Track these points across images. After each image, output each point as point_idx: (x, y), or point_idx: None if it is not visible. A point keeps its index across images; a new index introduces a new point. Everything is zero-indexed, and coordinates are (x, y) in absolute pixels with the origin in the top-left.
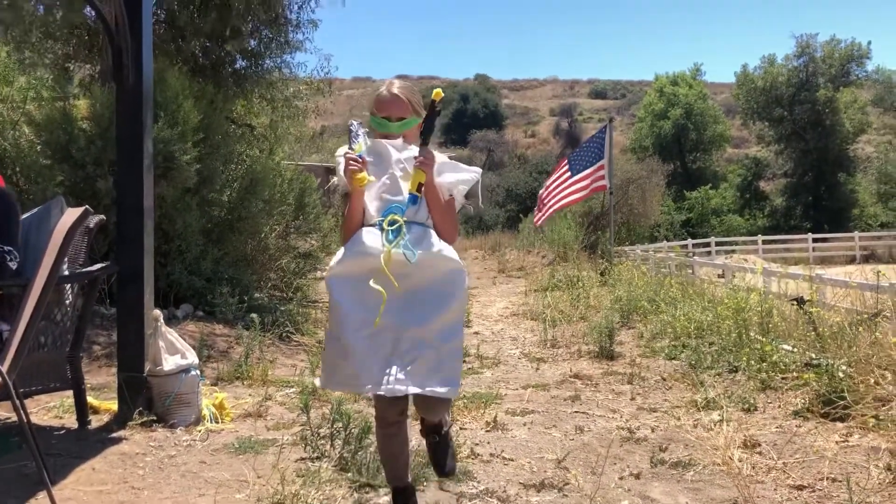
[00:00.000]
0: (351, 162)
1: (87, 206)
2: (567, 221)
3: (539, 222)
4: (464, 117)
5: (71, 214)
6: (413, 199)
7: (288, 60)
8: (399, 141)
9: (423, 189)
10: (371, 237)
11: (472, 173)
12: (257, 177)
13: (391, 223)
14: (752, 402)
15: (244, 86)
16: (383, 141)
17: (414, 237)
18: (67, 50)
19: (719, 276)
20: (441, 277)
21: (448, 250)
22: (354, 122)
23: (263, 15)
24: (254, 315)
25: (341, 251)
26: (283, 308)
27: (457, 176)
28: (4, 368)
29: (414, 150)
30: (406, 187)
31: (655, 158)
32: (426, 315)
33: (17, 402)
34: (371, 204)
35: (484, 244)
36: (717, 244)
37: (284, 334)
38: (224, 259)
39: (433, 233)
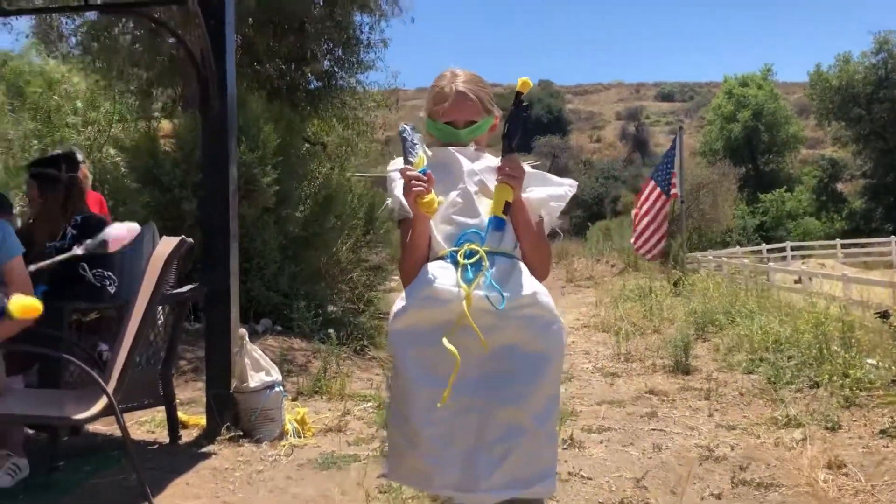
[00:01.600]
0: (415, 182)
1: (183, 237)
2: None
3: (651, 257)
4: (527, 123)
5: (168, 243)
6: (498, 223)
7: (361, 80)
8: (469, 147)
9: (509, 209)
10: (442, 275)
11: (565, 187)
12: (330, 193)
13: (468, 254)
14: (835, 420)
15: (318, 106)
16: (450, 148)
17: (500, 273)
18: (150, 75)
19: (796, 281)
20: (537, 332)
21: (545, 293)
22: (407, 127)
23: (337, 36)
24: (331, 330)
25: (403, 296)
26: (356, 321)
27: (548, 190)
28: (110, 389)
29: (491, 159)
30: (485, 206)
31: (726, 162)
32: (521, 389)
33: (121, 421)
34: (439, 230)
35: None
36: (793, 249)
37: (359, 348)
38: (300, 274)
39: (523, 267)
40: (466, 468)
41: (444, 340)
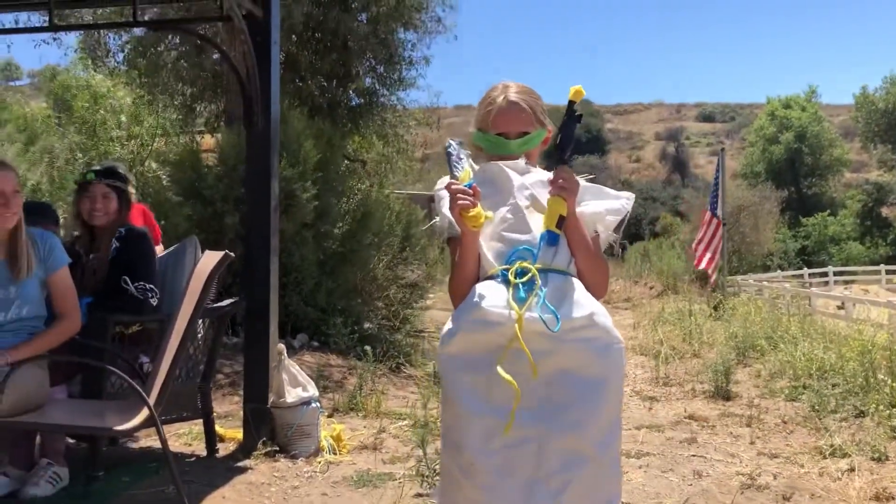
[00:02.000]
0: (460, 195)
1: (226, 251)
2: (676, 251)
3: (712, 277)
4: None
5: (212, 258)
6: (551, 238)
7: (402, 97)
8: (519, 161)
9: (563, 223)
10: (493, 295)
11: (622, 200)
12: (368, 210)
13: (520, 273)
14: (882, 450)
15: (358, 123)
16: (498, 163)
17: (554, 292)
18: (194, 91)
19: (839, 307)
20: (595, 355)
21: (602, 313)
22: (453, 143)
23: (379, 54)
24: (367, 347)
25: (452, 318)
26: (391, 338)
27: (604, 204)
28: (151, 401)
29: (541, 173)
30: (536, 222)
31: (768, 184)
32: (580, 415)
33: (162, 433)
34: (488, 247)
35: None
36: (836, 274)
37: (395, 366)
38: (336, 290)
39: (578, 285)
40: (525, 500)
41: (499, 369)
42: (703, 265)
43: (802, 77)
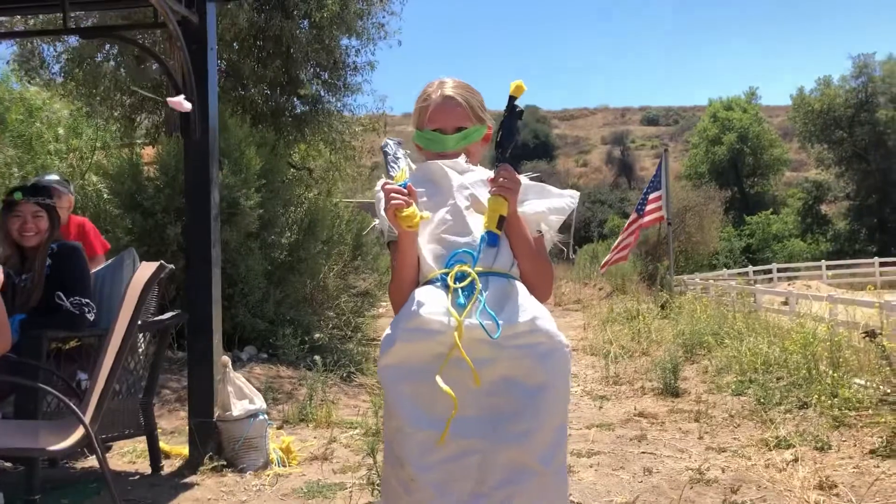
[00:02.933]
0: (393, 195)
1: (162, 262)
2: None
3: (603, 269)
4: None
5: (147, 268)
6: (491, 239)
7: (348, 103)
8: (459, 160)
9: (503, 224)
10: (432, 301)
11: (566, 199)
12: (316, 218)
13: (459, 277)
14: (825, 440)
15: (304, 130)
16: (437, 162)
17: (495, 296)
18: (134, 101)
19: (783, 303)
20: (538, 361)
21: (545, 317)
22: (390, 142)
23: (323, 60)
24: (317, 357)
25: (391, 325)
26: (343, 347)
27: (547, 203)
28: (87, 419)
29: (483, 172)
30: (477, 223)
31: (712, 185)
32: (525, 425)
33: (99, 451)
34: (427, 250)
35: None
36: (779, 270)
37: (346, 375)
38: (285, 301)
39: (521, 288)
40: None
41: (438, 379)
42: (604, 269)
43: (742, 79)
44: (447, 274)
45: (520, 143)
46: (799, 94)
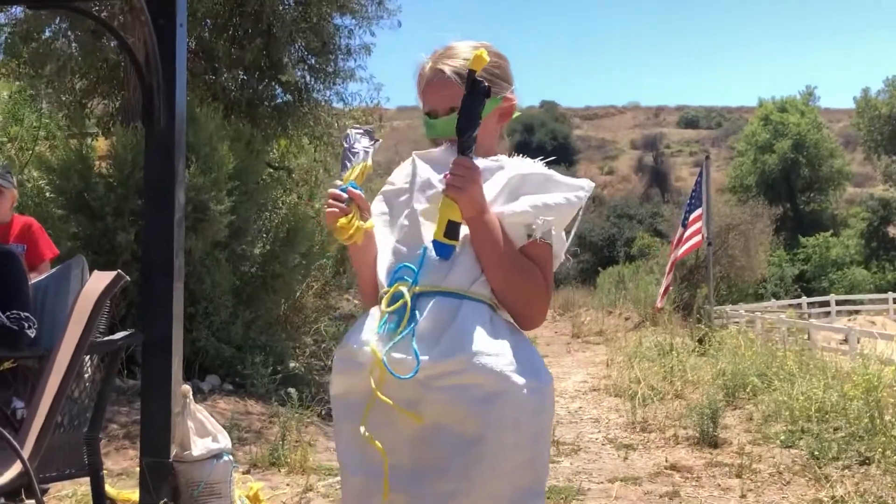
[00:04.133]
0: (330, 200)
1: (119, 272)
2: (655, 276)
3: (661, 304)
4: (528, 151)
5: (100, 279)
6: (441, 251)
7: (339, 91)
8: (438, 150)
9: (457, 231)
10: (366, 327)
11: (571, 191)
12: (295, 227)
13: (394, 298)
14: (889, 502)
15: (285, 123)
16: (415, 154)
17: (433, 324)
18: (85, 84)
19: (842, 341)
20: (469, 407)
21: (498, 352)
22: (352, 132)
23: (311, 42)
24: (291, 390)
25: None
26: (322, 380)
27: (542, 198)
28: (26, 454)
29: (484, 162)
30: (428, 229)
31: (760, 200)
32: (449, 486)
33: (39, 494)
34: (382, 262)
35: (554, 302)
36: (839, 303)
37: (326, 412)
38: (256, 323)
39: (474, 312)
40: None
41: (362, 429)
42: (660, 303)
43: (798, 77)
44: (385, 294)
45: (475, 131)
46: (864, 96)
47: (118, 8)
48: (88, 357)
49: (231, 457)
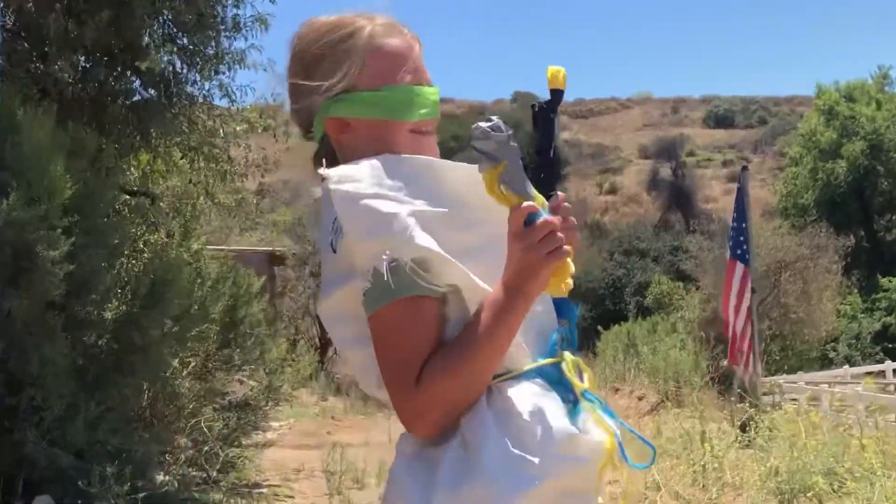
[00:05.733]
0: (554, 231)
1: None
2: (680, 335)
3: (747, 370)
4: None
5: None
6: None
7: (224, 83)
8: (435, 160)
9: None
10: (554, 413)
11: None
12: (163, 279)
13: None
14: None
15: (147, 130)
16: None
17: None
18: None
19: None
20: None
21: None
22: (483, 125)
23: (184, 14)
24: None
25: (510, 460)
26: (203, 498)
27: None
28: None
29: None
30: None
31: (823, 225)
32: None
33: None
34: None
35: None
36: None
37: None
38: (105, 418)
39: None
40: None
41: None
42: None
43: (867, 56)
44: (553, 363)
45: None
46: None
47: None
48: None
49: None
